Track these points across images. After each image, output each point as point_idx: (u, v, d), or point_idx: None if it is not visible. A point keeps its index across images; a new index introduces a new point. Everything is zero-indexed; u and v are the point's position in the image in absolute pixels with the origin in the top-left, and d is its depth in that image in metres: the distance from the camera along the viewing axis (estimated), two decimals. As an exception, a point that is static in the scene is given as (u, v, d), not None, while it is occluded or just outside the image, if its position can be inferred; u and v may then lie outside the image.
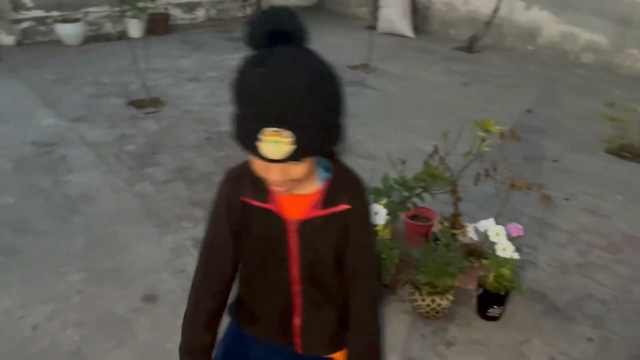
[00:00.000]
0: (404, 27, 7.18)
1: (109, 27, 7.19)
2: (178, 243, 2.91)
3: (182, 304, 2.46)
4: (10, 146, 3.97)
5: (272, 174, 1.00)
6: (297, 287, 1.22)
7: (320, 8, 9.01)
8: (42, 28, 6.80)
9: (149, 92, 4.88)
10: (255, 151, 0.95)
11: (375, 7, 7.49)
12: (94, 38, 6.99)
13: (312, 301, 1.24)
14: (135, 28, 6.96)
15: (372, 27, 7.38)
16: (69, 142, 4.10)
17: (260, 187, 1.11)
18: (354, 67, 5.98)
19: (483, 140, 2.28)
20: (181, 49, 6.70)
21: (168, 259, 2.78)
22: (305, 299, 1.23)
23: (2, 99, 4.95)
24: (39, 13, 6.75)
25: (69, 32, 6.63)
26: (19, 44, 6.64)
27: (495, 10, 6.42)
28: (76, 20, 6.72)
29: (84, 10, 6.97)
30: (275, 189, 1.07)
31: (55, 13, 6.79)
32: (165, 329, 2.31)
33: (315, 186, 1.13)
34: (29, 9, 6.68)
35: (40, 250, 2.82)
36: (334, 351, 1.31)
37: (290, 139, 0.93)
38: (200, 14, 7.96)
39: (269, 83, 0.91)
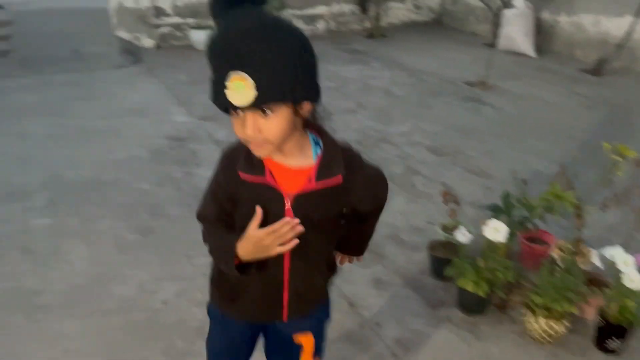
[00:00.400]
0: (526, 46, 6.97)
1: (236, 35, 7.68)
2: (293, 240, 3.06)
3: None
4: (148, 138, 4.39)
5: (247, 129, 1.05)
6: (287, 263, 1.26)
7: (438, 23, 8.98)
8: (178, 33, 7.42)
9: (270, 97, 5.16)
10: (225, 102, 1.02)
11: (496, 25, 7.33)
12: (222, 44, 7.49)
13: (300, 275, 1.29)
14: (259, 36, 7.38)
15: (491, 45, 7.22)
16: (198, 139, 4.45)
17: (255, 161, 1.16)
18: (470, 84, 5.91)
19: (616, 165, 2.19)
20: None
21: (283, 254, 2.94)
22: (294, 273, 1.28)
23: (142, 95, 5.48)
24: (177, 20, 7.38)
25: (201, 38, 7.16)
26: (157, 47, 7.30)
27: (630, 33, 6.05)
28: (208, 27, 7.25)
29: (215, 18, 7.50)
30: (253, 149, 1.10)
31: (190, 20, 7.38)
32: (279, 319, 2.46)
33: (309, 161, 1.18)
34: (168, 15, 7.32)
35: (171, 233, 3.11)
36: (313, 309, 1.40)
37: (253, 83, 0.99)
38: (320, 26, 8.26)
39: (228, 31, 1.02)
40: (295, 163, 1.17)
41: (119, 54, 6.66)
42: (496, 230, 2.21)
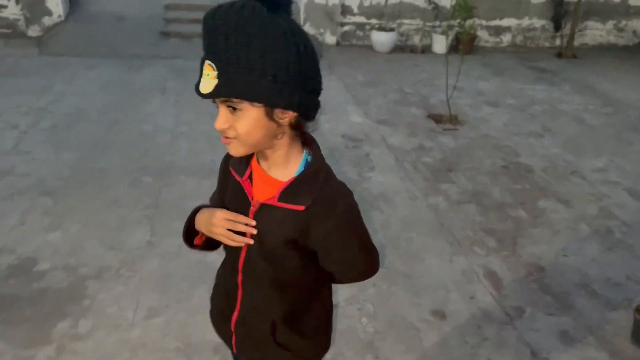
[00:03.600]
0: None
1: (415, 40, 7.55)
2: (469, 267, 2.86)
3: (470, 330, 2.40)
4: (326, 135, 4.45)
5: (217, 120, 0.99)
6: (240, 277, 1.18)
7: (640, 49, 8.04)
8: (359, 33, 7.49)
9: (449, 109, 4.95)
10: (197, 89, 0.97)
11: None
12: (400, 48, 7.42)
13: (250, 299, 1.19)
14: (440, 44, 7.18)
15: None
16: (372, 142, 4.41)
17: (243, 161, 1.12)
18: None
19: None
20: (482, 71, 6.67)
21: (459, 280, 2.76)
22: (245, 294, 1.19)
23: (322, 91, 5.58)
24: (361, 19, 7.45)
25: (382, 39, 7.16)
26: (337, 44, 7.44)
27: None
28: (391, 29, 7.22)
29: (399, 21, 7.45)
30: (225, 145, 1.03)
31: (374, 21, 7.40)
32: (452, 349, 2.30)
33: (291, 175, 1.07)
34: (354, 14, 7.41)
35: (343, 236, 3.08)
36: None
37: (215, 72, 0.93)
38: (506, 38, 7.81)
39: (211, 14, 0.93)
40: (275, 173, 1.09)
41: (303, 47, 6.88)
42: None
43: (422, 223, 3.27)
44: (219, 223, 1.10)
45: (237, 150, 1.03)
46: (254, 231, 1.09)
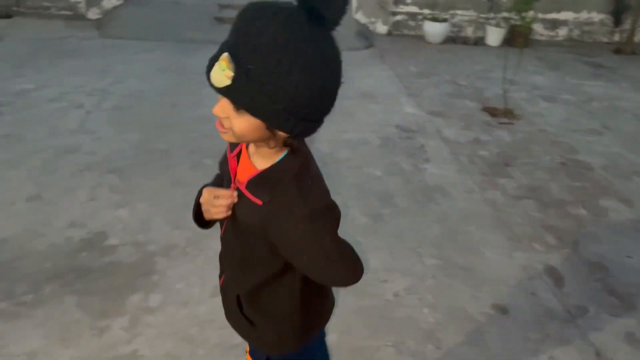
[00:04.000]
0: None
1: (469, 31, 7.43)
2: (529, 263, 2.84)
3: (532, 326, 2.38)
4: (379, 124, 4.45)
5: (217, 106, 0.98)
6: (222, 247, 1.26)
7: None
8: (411, 23, 7.42)
9: (505, 102, 4.87)
10: (207, 77, 0.95)
11: None
12: (452, 39, 7.32)
13: (228, 269, 1.27)
14: (494, 37, 7.04)
15: None
16: (426, 133, 4.38)
17: (238, 143, 1.14)
18: None
19: None
20: (537, 65, 6.53)
21: (519, 275, 2.74)
22: (226, 263, 1.27)
23: (374, 80, 5.58)
24: (413, 9, 7.37)
25: (434, 30, 7.07)
26: (388, 33, 7.39)
27: None
28: (444, 20, 7.13)
29: (452, 11, 7.34)
30: (218, 128, 1.02)
31: (426, 11, 7.32)
32: (514, 343, 2.29)
33: (265, 166, 1.07)
34: (407, 4, 7.34)
35: (400, 225, 3.09)
36: (246, 336, 1.31)
37: (232, 73, 0.90)
38: (562, 32, 7.61)
39: (252, 15, 0.89)
40: (255, 161, 1.10)
41: (355, 36, 6.87)
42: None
43: (480, 217, 3.24)
44: (203, 199, 1.17)
45: (229, 138, 1.03)
46: (233, 200, 1.13)
